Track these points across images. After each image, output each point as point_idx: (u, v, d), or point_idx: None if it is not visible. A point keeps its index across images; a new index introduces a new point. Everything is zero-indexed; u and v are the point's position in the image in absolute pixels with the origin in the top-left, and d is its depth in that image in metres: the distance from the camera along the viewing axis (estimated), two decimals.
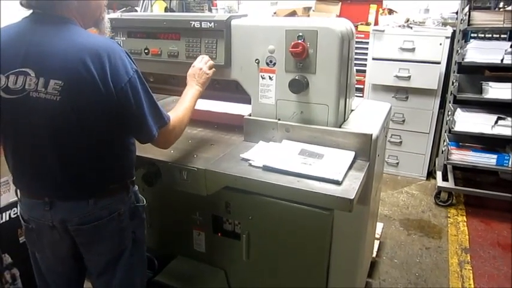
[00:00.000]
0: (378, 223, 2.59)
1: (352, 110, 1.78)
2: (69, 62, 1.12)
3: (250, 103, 1.69)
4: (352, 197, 1.24)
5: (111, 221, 1.33)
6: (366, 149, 1.49)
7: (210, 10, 4.61)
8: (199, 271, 1.93)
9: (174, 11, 4.51)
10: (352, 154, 1.48)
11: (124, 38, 1.82)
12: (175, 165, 1.51)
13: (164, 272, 1.97)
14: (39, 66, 1.14)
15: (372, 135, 1.48)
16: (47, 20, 1.18)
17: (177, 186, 1.55)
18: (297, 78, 1.52)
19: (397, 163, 3.79)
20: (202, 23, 1.61)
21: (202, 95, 1.98)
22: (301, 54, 1.48)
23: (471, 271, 2.49)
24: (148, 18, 1.86)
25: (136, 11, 4.03)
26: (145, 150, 1.63)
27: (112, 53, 1.16)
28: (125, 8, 3.90)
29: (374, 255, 2.46)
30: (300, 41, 1.47)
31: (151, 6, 4.37)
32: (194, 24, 1.63)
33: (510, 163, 3.00)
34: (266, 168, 1.42)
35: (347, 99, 1.64)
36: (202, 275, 1.92)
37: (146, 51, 1.78)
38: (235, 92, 1.80)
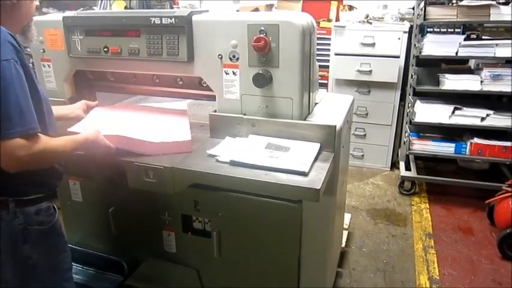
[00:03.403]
0: (346, 214, 2.65)
1: (316, 103, 1.81)
2: None
3: (214, 99, 1.68)
4: (318, 187, 1.26)
5: None
6: (331, 141, 1.51)
7: (171, 8, 4.54)
8: (171, 272, 1.91)
9: None
10: (317, 146, 1.50)
11: (81, 37, 1.76)
12: (140, 165, 1.48)
13: (135, 275, 1.93)
14: None
15: (335, 126, 1.50)
16: None
17: (143, 187, 1.52)
18: (260, 72, 1.52)
19: (362, 155, 3.89)
20: (163, 19, 1.59)
21: (164, 93, 1.96)
22: (263, 49, 1.48)
23: (435, 255, 2.59)
24: (107, 16, 1.81)
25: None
26: None
27: None
28: (82, 8, 3.78)
29: (343, 245, 2.51)
30: (262, 35, 1.48)
31: (110, 6, 4.25)
32: (154, 21, 1.60)
33: (467, 151, 3.14)
34: (233, 163, 1.42)
35: (311, 92, 1.67)
36: (174, 275, 1.90)
37: (106, 49, 1.73)
38: (199, 88, 1.79)
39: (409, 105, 3.42)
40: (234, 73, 1.59)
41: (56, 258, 1.37)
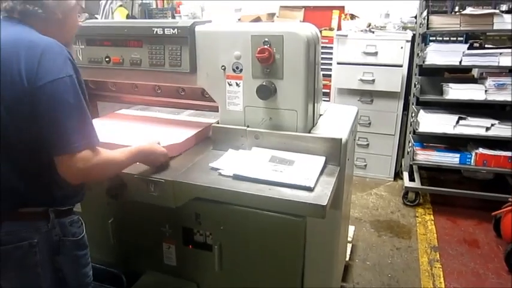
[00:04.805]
0: (349, 226, 2.61)
1: (320, 115, 1.78)
2: (3, 48, 1.10)
3: (217, 111, 1.65)
4: (324, 203, 1.22)
5: (18, 250, 1.18)
6: (336, 154, 1.48)
7: (173, 17, 4.54)
8: (171, 285, 1.86)
9: (136, 19, 4.41)
10: (322, 159, 1.47)
11: (83, 46, 1.74)
12: (141, 178, 1.45)
13: None
14: None
15: (341, 139, 1.47)
16: (8, 23, 1.18)
17: (144, 199, 1.49)
18: (264, 84, 1.50)
19: (365, 165, 3.85)
20: (165, 29, 1.57)
21: (167, 104, 1.94)
22: (267, 60, 1.46)
23: (441, 269, 2.54)
24: (109, 26, 1.79)
25: (96, 18, 3.91)
26: None
27: (48, 49, 1.12)
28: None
29: (347, 258, 2.47)
30: (266, 47, 1.45)
31: (113, 13, 4.25)
32: (157, 31, 1.58)
33: (472, 161, 3.10)
34: (236, 177, 1.39)
35: (315, 104, 1.64)
36: None
37: (107, 59, 1.71)
38: (202, 99, 1.76)
39: (413, 114, 3.39)
40: (237, 84, 1.57)
41: (82, 270, 1.35)
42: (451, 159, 3.16)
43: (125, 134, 1.71)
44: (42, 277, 1.23)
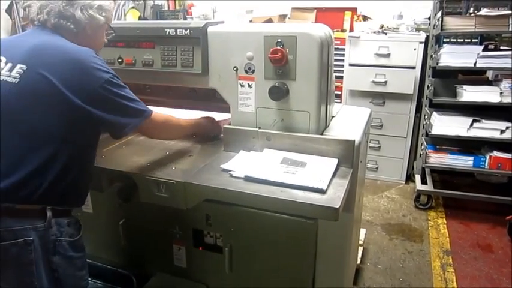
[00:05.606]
0: (361, 229, 2.58)
1: (332, 116, 1.76)
2: (39, 53, 1.21)
3: (229, 112, 1.65)
4: (337, 206, 1.21)
5: (13, 247, 1.18)
6: (349, 156, 1.46)
7: (185, 19, 4.56)
8: (181, 287, 1.86)
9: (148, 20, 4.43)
10: (335, 161, 1.45)
11: None
12: (152, 179, 1.45)
13: None
14: (11, 54, 1.23)
15: (354, 141, 1.45)
16: (44, 31, 1.30)
17: (155, 201, 1.49)
18: (276, 85, 1.48)
19: (377, 168, 3.82)
20: (178, 30, 1.57)
21: (180, 105, 1.94)
22: (280, 61, 1.45)
23: (454, 273, 2.50)
24: (121, 27, 1.79)
25: None
26: (120, 164, 1.57)
27: (88, 55, 1.24)
28: None
29: (358, 262, 2.44)
30: (278, 47, 1.44)
31: (125, 15, 4.28)
32: (169, 32, 1.58)
33: (486, 164, 3.05)
34: (248, 179, 1.38)
35: (328, 106, 1.62)
36: None
37: (120, 60, 1.72)
38: (214, 100, 1.76)
39: (426, 117, 3.35)
40: (249, 85, 1.56)
41: (78, 273, 1.36)
42: (464, 162, 3.11)
43: None
44: (36, 276, 1.23)
